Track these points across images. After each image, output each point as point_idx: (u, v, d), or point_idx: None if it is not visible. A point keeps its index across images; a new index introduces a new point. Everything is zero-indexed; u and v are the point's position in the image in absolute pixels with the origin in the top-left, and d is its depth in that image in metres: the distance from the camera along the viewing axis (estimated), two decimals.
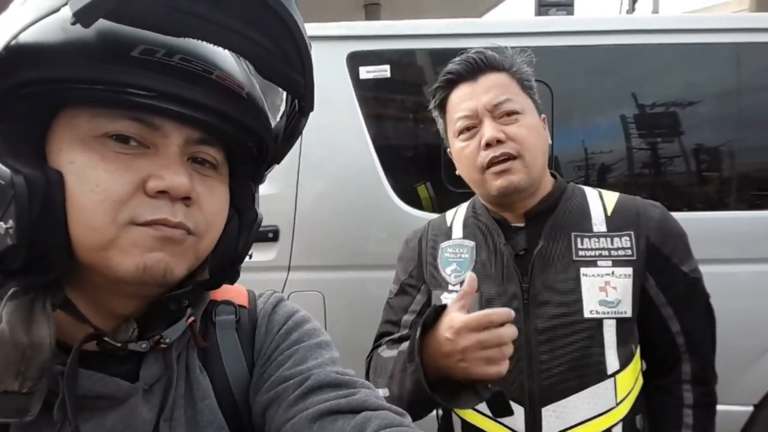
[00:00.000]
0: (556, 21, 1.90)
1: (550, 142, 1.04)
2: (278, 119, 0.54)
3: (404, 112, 1.91)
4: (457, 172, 1.05)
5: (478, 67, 0.97)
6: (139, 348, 0.48)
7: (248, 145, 0.50)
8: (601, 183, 1.80)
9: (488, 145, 0.93)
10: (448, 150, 1.06)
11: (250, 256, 0.54)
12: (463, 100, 0.97)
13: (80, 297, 0.46)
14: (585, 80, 1.83)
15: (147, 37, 0.40)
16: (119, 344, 0.47)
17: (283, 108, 0.54)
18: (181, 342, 0.52)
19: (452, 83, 1.00)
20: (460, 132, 0.98)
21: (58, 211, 0.41)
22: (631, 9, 6.08)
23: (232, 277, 0.54)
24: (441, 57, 1.84)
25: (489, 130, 0.93)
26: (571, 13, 2.34)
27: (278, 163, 0.56)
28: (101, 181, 0.41)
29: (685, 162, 1.82)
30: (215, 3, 0.38)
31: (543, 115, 1.03)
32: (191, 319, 0.52)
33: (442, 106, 1.03)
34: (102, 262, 0.43)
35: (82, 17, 0.35)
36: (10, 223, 0.39)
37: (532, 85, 1.01)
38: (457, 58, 1.00)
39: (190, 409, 0.51)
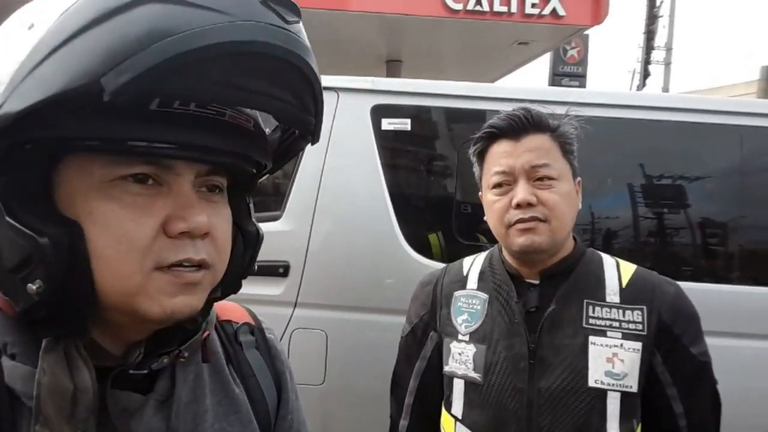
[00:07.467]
0: (568, 92, 2.01)
1: (580, 207, 1.04)
2: (270, 131, 0.53)
3: (420, 164, 2.00)
4: (485, 218, 1.06)
5: (522, 126, 0.97)
6: (162, 365, 0.49)
7: (250, 169, 0.52)
8: (604, 250, 1.84)
9: (519, 206, 0.95)
10: (480, 194, 1.08)
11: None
12: (502, 156, 0.98)
13: (96, 329, 0.47)
14: (593, 149, 1.92)
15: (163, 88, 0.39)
16: (146, 371, 0.48)
17: (274, 121, 0.53)
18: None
19: (494, 137, 1.00)
20: (495, 186, 0.99)
21: (84, 264, 0.41)
22: (642, 85, 6.31)
23: (237, 289, 0.56)
24: (457, 116, 1.95)
25: (522, 192, 0.95)
26: (583, 84, 2.47)
27: (272, 174, 0.57)
28: (126, 230, 0.42)
29: (685, 234, 1.88)
30: (248, 71, 0.40)
31: (579, 178, 1.03)
32: (206, 333, 0.54)
33: (481, 155, 1.04)
34: (130, 307, 0.44)
35: (117, 95, 0.35)
36: (38, 283, 0.40)
37: (573, 149, 1.01)
38: (504, 113, 1.00)
39: (221, 421, 0.53)
